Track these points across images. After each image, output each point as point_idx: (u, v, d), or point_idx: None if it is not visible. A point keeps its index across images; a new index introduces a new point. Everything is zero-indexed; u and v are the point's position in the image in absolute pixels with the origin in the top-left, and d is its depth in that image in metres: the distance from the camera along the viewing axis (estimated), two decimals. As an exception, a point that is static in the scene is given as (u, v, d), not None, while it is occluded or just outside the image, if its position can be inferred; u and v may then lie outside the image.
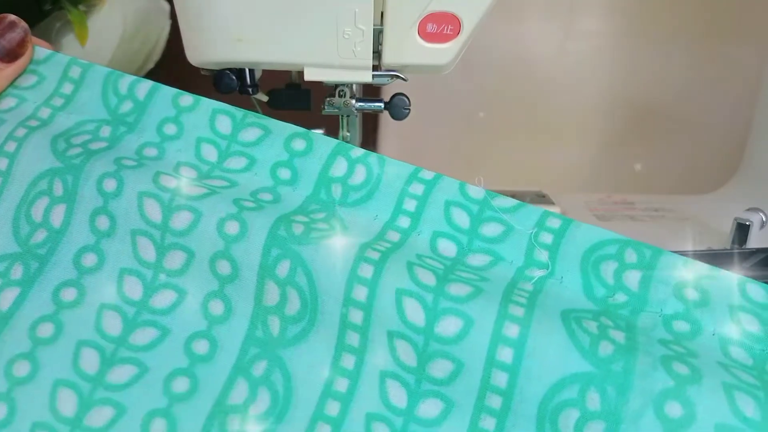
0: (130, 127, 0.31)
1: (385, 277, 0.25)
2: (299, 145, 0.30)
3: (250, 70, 0.32)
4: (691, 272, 0.25)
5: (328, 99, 0.33)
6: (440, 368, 0.24)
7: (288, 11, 0.28)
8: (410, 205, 0.28)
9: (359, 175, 0.29)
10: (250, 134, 0.30)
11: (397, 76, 0.31)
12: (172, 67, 0.46)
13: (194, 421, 0.25)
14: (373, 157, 0.29)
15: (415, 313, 0.24)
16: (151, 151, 0.30)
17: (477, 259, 0.27)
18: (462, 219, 0.28)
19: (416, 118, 0.35)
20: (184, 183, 0.28)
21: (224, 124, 0.30)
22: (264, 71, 0.33)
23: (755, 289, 0.25)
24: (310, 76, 0.30)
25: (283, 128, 0.30)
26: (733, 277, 0.25)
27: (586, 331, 0.23)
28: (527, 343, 0.23)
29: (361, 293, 0.25)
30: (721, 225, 0.44)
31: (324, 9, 0.28)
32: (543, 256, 0.27)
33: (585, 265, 0.26)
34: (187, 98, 0.31)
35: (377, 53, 0.30)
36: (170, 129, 0.30)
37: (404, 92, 0.33)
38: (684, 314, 0.25)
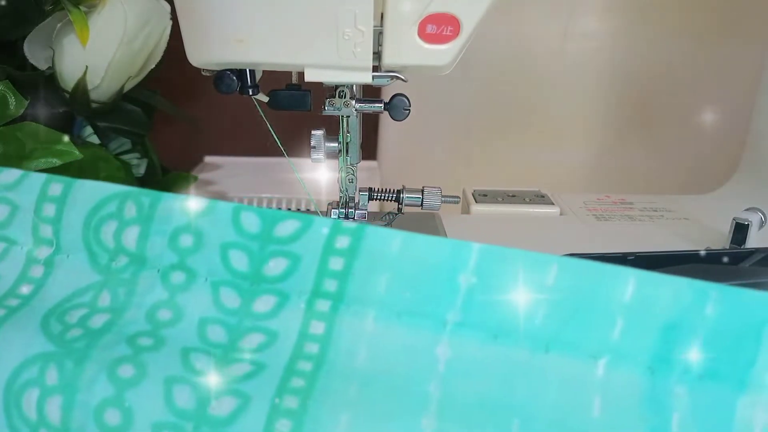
0: None
1: None
2: None
3: (250, 70, 0.32)
4: (188, 215, 0.23)
5: (328, 99, 0.33)
6: None
7: (288, 12, 0.28)
8: None
9: None
10: None
11: (397, 77, 0.31)
12: (173, 67, 0.46)
13: None
14: None
15: None
16: None
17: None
18: None
19: (416, 118, 0.35)
20: None
21: None
22: (264, 72, 0.33)
23: (249, 219, 0.23)
24: (310, 76, 0.30)
25: None
26: (227, 209, 0.23)
27: (62, 322, 0.23)
28: None
29: None
30: (720, 225, 0.44)
31: (324, 10, 0.28)
32: (47, 231, 0.24)
33: (87, 232, 0.24)
34: None
35: (377, 54, 0.30)
36: None
37: (404, 93, 0.33)
38: (179, 264, 0.23)
